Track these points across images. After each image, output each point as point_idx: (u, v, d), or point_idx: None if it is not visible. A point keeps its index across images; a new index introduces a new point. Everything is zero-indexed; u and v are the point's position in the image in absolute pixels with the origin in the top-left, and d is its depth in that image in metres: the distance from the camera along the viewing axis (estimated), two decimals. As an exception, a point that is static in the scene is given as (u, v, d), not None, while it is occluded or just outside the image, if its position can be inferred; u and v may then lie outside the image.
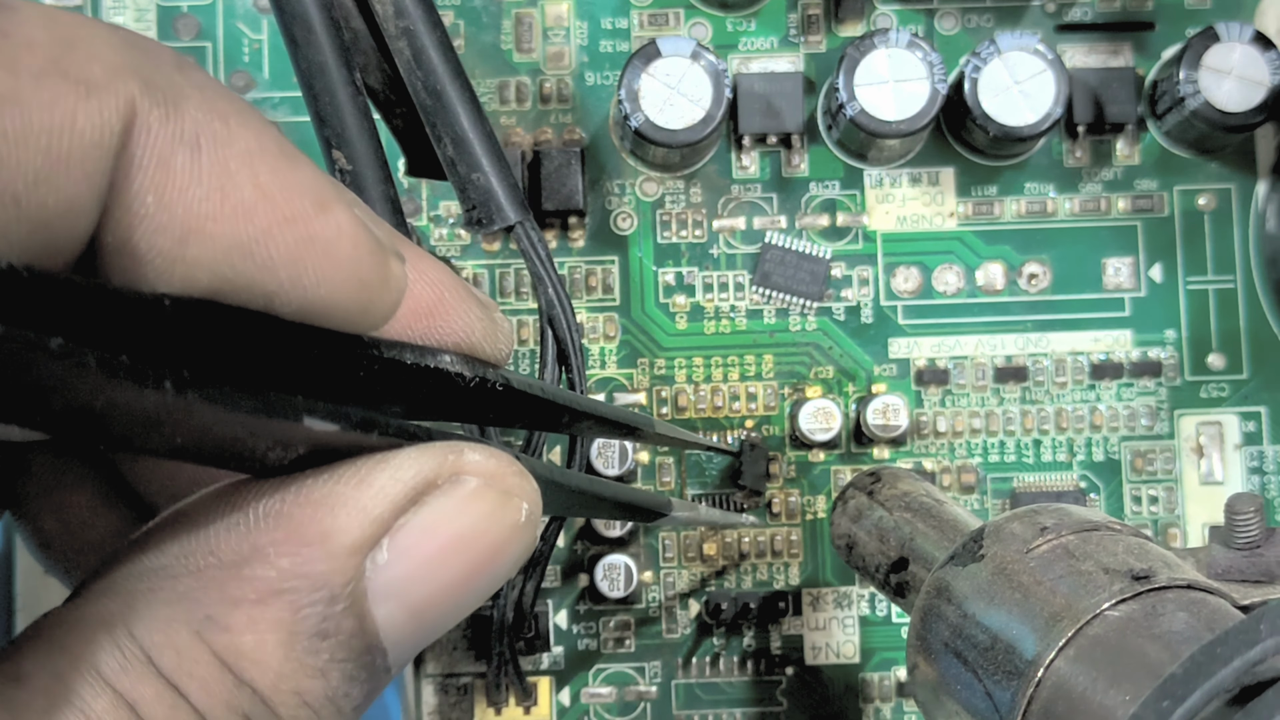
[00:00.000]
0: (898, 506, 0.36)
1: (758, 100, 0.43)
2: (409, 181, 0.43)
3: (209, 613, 0.21)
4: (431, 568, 0.23)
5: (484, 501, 0.24)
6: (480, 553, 0.24)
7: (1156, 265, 0.44)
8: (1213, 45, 0.41)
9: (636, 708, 0.43)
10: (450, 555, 0.23)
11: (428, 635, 0.24)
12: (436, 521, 0.23)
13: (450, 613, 0.24)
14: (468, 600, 0.24)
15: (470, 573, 0.24)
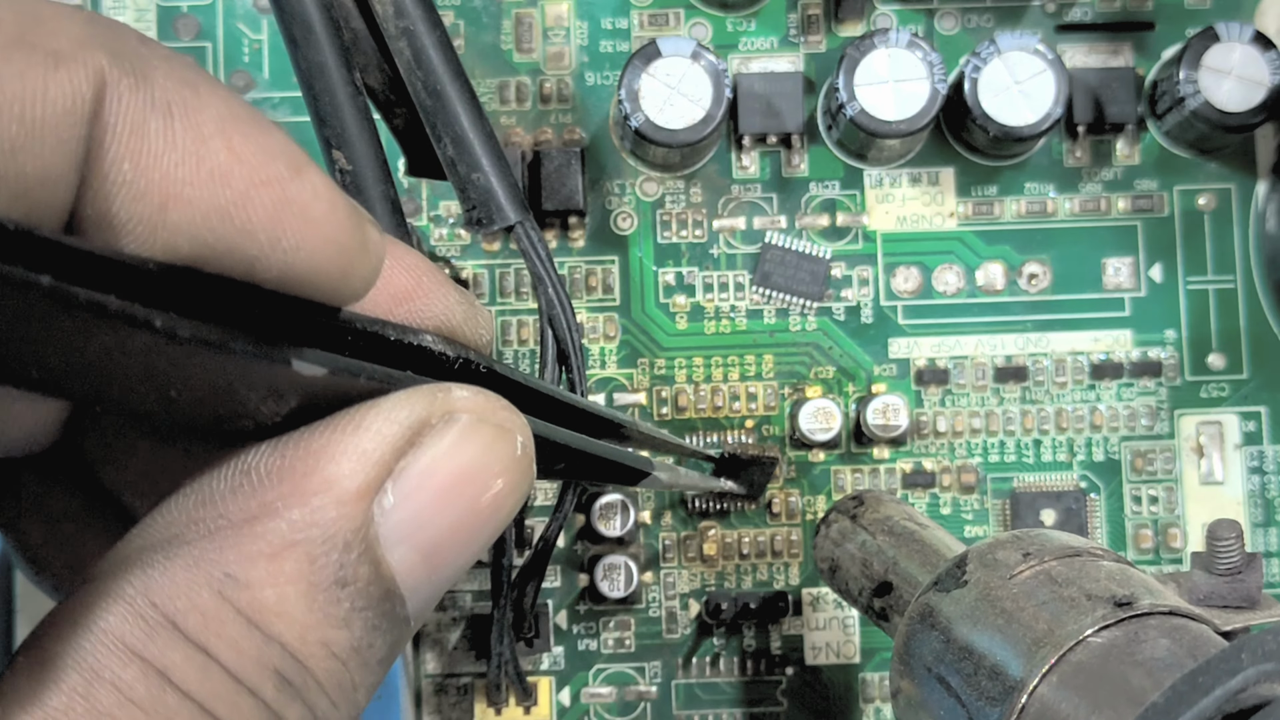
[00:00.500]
0: (881, 530, 0.36)
1: (758, 100, 0.43)
2: (409, 181, 0.43)
3: (228, 571, 0.21)
4: (437, 507, 0.23)
5: (480, 436, 0.24)
6: (482, 488, 0.24)
7: (1156, 265, 0.44)
8: (1213, 45, 0.41)
9: (636, 708, 0.43)
10: (454, 493, 0.24)
11: (442, 580, 0.24)
12: (436, 461, 0.23)
13: (461, 554, 0.24)
14: (476, 541, 0.24)
15: (475, 510, 0.24)
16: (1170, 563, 0.43)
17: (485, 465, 0.24)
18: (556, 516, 0.38)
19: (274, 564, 0.21)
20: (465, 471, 0.24)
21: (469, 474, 0.24)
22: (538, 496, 0.43)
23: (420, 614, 0.24)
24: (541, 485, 0.43)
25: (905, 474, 0.43)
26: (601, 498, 0.42)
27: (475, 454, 0.24)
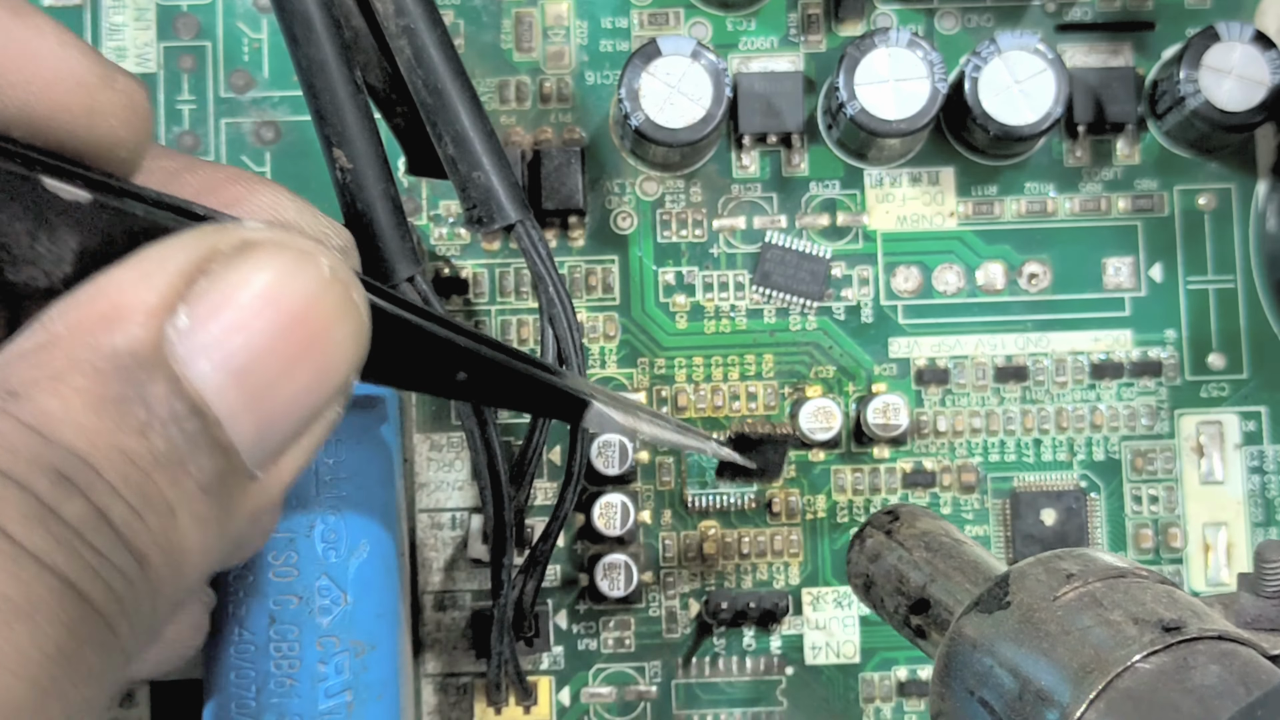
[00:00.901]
0: (917, 546, 0.35)
1: (758, 99, 0.43)
2: (409, 180, 0.43)
3: (11, 389, 0.21)
4: (238, 326, 0.23)
5: (277, 259, 0.24)
6: (288, 309, 0.24)
7: (1156, 265, 0.44)
8: (1213, 45, 0.41)
9: (636, 708, 0.43)
10: (255, 313, 0.23)
11: (274, 413, 0.24)
12: (231, 282, 0.23)
13: (283, 384, 0.24)
14: (298, 370, 0.24)
15: (282, 330, 0.24)
16: (1170, 562, 0.43)
17: (286, 286, 0.24)
18: (556, 516, 0.38)
19: (59, 381, 0.21)
20: (265, 292, 0.24)
21: (270, 294, 0.24)
22: (538, 496, 0.43)
23: (263, 454, 0.24)
24: (541, 485, 0.43)
25: (905, 474, 0.43)
26: (602, 497, 0.42)
27: (274, 275, 0.24)
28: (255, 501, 0.24)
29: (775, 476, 0.39)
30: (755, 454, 0.39)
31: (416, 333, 0.29)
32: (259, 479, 0.24)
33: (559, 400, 0.32)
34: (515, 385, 0.31)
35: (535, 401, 0.32)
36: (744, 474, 0.39)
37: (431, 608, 0.42)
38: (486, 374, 0.30)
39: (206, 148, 0.43)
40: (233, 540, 0.24)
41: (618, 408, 0.33)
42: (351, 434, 0.36)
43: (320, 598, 0.36)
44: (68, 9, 0.43)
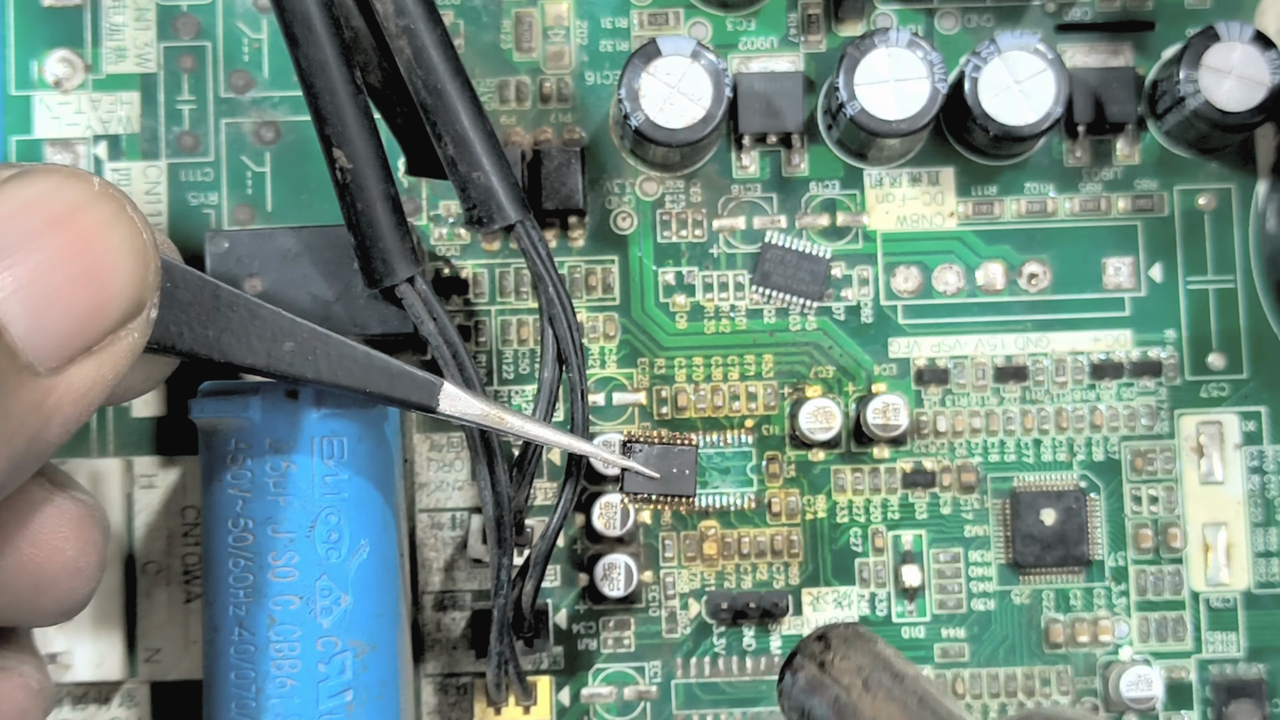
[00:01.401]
0: (856, 686, 0.33)
1: (758, 100, 0.43)
2: (409, 180, 0.43)
3: None
4: (7, 223, 0.25)
5: (48, 177, 0.26)
6: (52, 212, 0.25)
7: (1156, 265, 0.44)
8: (1213, 45, 0.41)
9: (636, 708, 0.43)
10: (20, 216, 0.25)
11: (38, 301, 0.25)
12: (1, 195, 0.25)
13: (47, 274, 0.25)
14: (67, 265, 0.25)
15: (46, 227, 0.25)
16: (1170, 562, 0.43)
17: (53, 197, 0.26)
18: (556, 515, 0.38)
19: None
20: (32, 202, 0.25)
21: (36, 204, 0.25)
22: (537, 496, 0.43)
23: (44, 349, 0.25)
24: (540, 485, 0.43)
25: (905, 474, 0.43)
26: (602, 497, 0.42)
27: (41, 190, 0.26)
28: (38, 398, 0.25)
29: (689, 491, 0.37)
30: (657, 463, 0.37)
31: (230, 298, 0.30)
32: (42, 376, 0.25)
33: (404, 382, 0.33)
34: (353, 363, 0.32)
35: (378, 384, 0.33)
36: (652, 488, 0.37)
37: (431, 608, 0.42)
38: (316, 347, 0.31)
39: (206, 148, 0.43)
40: (24, 436, 0.26)
41: (475, 395, 0.34)
42: (352, 434, 0.36)
43: (320, 598, 0.36)
44: (68, 9, 0.43)
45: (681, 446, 0.37)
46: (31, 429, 0.26)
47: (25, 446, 0.26)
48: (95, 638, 0.40)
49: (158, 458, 0.42)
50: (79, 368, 0.26)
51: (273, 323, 0.31)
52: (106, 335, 0.27)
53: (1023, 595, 0.43)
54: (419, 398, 0.33)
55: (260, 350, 0.31)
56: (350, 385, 0.33)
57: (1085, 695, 0.43)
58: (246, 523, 0.36)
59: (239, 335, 0.31)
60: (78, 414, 0.26)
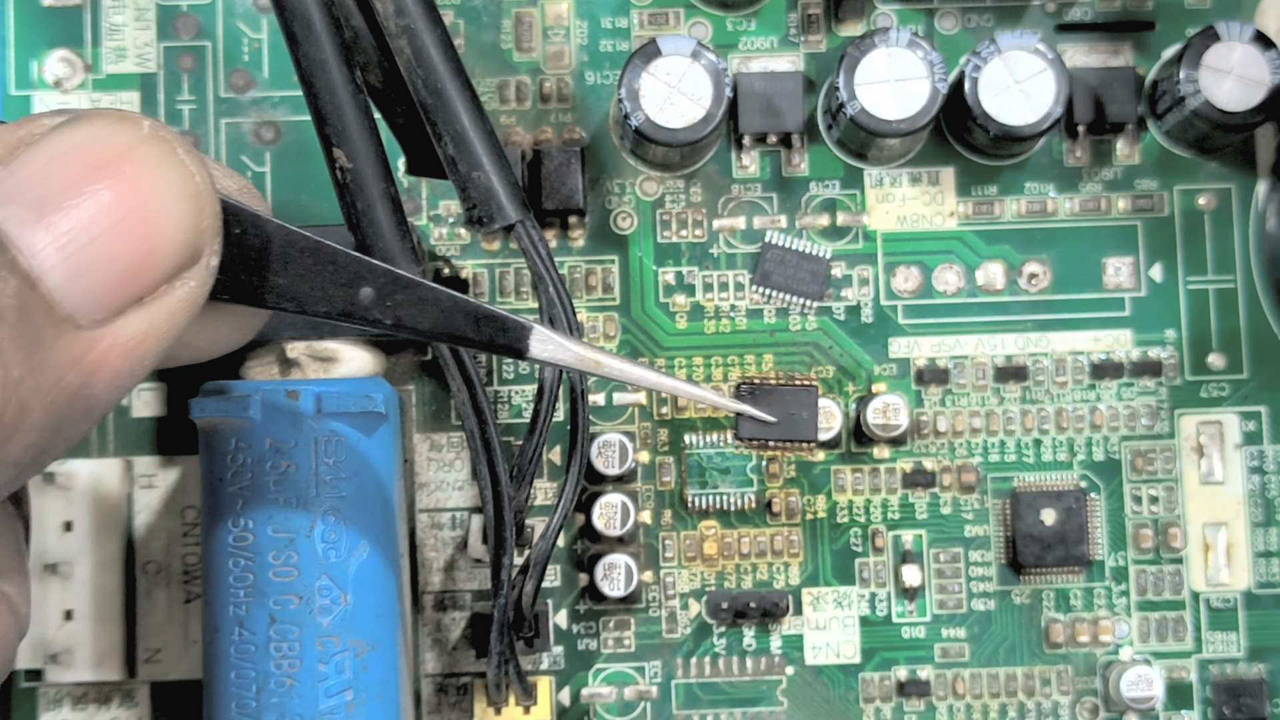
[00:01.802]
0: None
1: (758, 99, 0.43)
2: (409, 180, 0.43)
3: None
4: (47, 173, 0.24)
5: (95, 121, 0.25)
6: (97, 157, 0.24)
7: (1156, 265, 0.44)
8: (1213, 45, 0.41)
9: (636, 708, 0.43)
10: (64, 162, 0.24)
11: (79, 250, 0.24)
12: (48, 142, 0.24)
13: (91, 222, 0.24)
14: (111, 213, 0.24)
15: (89, 174, 0.24)
16: (1170, 562, 0.43)
17: (99, 141, 0.24)
18: (556, 515, 0.38)
19: None
20: (77, 147, 0.24)
21: (80, 148, 0.24)
22: (538, 496, 0.43)
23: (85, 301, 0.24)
24: (541, 485, 0.43)
25: (905, 474, 0.43)
26: (602, 497, 0.42)
27: (88, 134, 0.25)
28: (78, 352, 0.24)
29: (810, 435, 0.36)
30: (773, 407, 0.36)
31: (304, 243, 0.29)
32: (84, 328, 0.24)
33: (491, 325, 0.30)
34: (435, 307, 0.30)
35: (462, 328, 0.30)
36: (770, 434, 0.36)
37: (431, 608, 0.42)
38: (396, 291, 0.30)
39: (206, 147, 0.43)
40: (64, 391, 0.25)
41: (570, 339, 0.31)
42: (351, 434, 0.36)
43: (320, 598, 0.36)
44: (68, 9, 0.43)
45: (802, 386, 0.37)
46: (73, 384, 0.25)
47: (67, 403, 0.25)
48: (95, 638, 0.40)
49: (158, 458, 0.42)
50: (127, 320, 0.25)
51: (350, 268, 0.29)
52: (159, 285, 0.25)
53: (1023, 595, 0.43)
54: (508, 341, 0.30)
55: (338, 297, 0.29)
56: (433, 330, 0.30)
57: (1085, 695, 0.43)
58: (246, 522, 0.36)
59: (315, 282, 0.29)
60: (129, 368, 0.25)
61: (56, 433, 0.25)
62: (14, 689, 0.42)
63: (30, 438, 0.24)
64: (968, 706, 0.43)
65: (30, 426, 0.24)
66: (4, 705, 0.42)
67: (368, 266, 0.29)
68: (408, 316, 0.30)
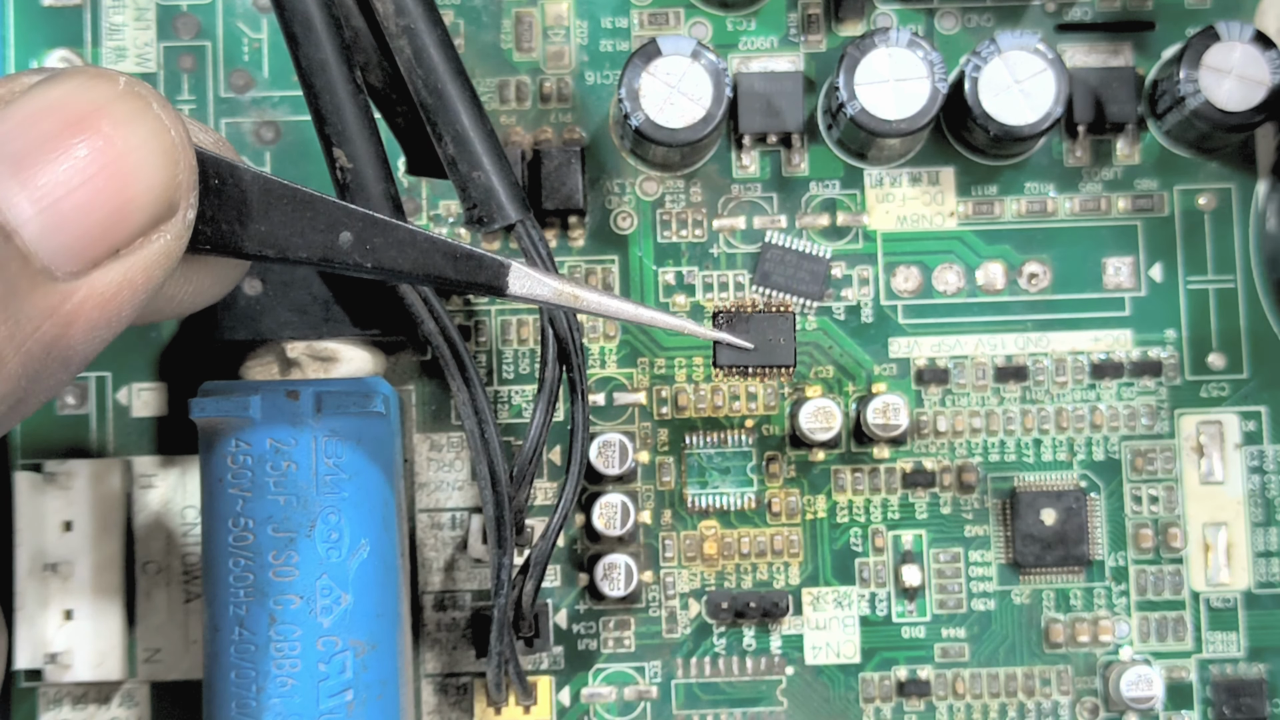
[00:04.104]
0: None
1: (758, 99, 0.43)
2: (409, 180, 0.43)
3: None
4: (23, 128, 0.24)
5: (73, 78, 0.25)
6: (73, 112, 0.25)
7: (1156, 265, 0.44)
8: (1213, 45, 0.41)
9: (636, 708, 0.43)
10: (40, 117, 0.25)
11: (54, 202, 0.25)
12: (22, 100, 0.25)
13: (67, 176, 0.25)
14: (85, 165, 0.25)
15: (64, 128, 0.25)
16: (1170, 562, 0.43)
17: (75, 96, 0.25)
18: (556, 515, 0.38)
19: None
20: (54, 102, 0.25)
21: (57, 104, 0.25)
22: (537, 496, 0.43)
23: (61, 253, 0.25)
24: (541, 485, 0.43)
25: (905, 474, 0.43)
26: (601, 497, 0.42)
27: (65, 90, 0.25)
28: (54, 303, 0.25)
29: (788, 360, 0.36)
30: (750, 334, 0.36)
31: (281, 190, 0.29)
32: (59, 280, 0.25)
33: (470, 263, 0.31)
34: (413, 248, 0.30)
35: (441, 268, 0.31)
36: (747, 360, 0.36)
37: (431, 608, 0.42)
38: (375, 235, 0.30)
39: (206, 148, 0.43)
40: (40, 342, 0.25)
41: (547, 274, 0.32)
42: (351, 434, 0.36)
43: (321, 597, 0.36)
44: (68, 9, 0.43)
45: (778, 313, 0.36)
46: (48, 335, 0.25)
47: (43, 353, 0.25)
48: (95, 638, 0.40)
49: (158, 458, 0.42)
50: (103, 271, 0.25)
51: (327, 213, 0.30)
52: (134, 238, 0.26)
53: (1023, 595, 0.43)
54: (486, 279, 0.31)
55: (317, 243, 0.30)
56: (413, 272, 0.30)
57: (1085, 695, 0.43)
58: (247, 522, 0.36)
59: (294, 229, 0.29)
60: (106, 319, 0.26)
61: (33, 382, 0.26)
62: (14, 689, 0.42)
63: (5, 387, 0.25)
64: (968, 706, 0.43)
65: (5, 376, 0.25)
66: (4, 705, 0.42)
67: (345, 210, 0.30)
68: (387, 259, 0.30)
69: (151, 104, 0.26)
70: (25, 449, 0.42)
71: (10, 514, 0.40)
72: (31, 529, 0.40)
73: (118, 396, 0.42)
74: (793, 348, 0.36)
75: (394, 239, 0.30)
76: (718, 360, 0.37)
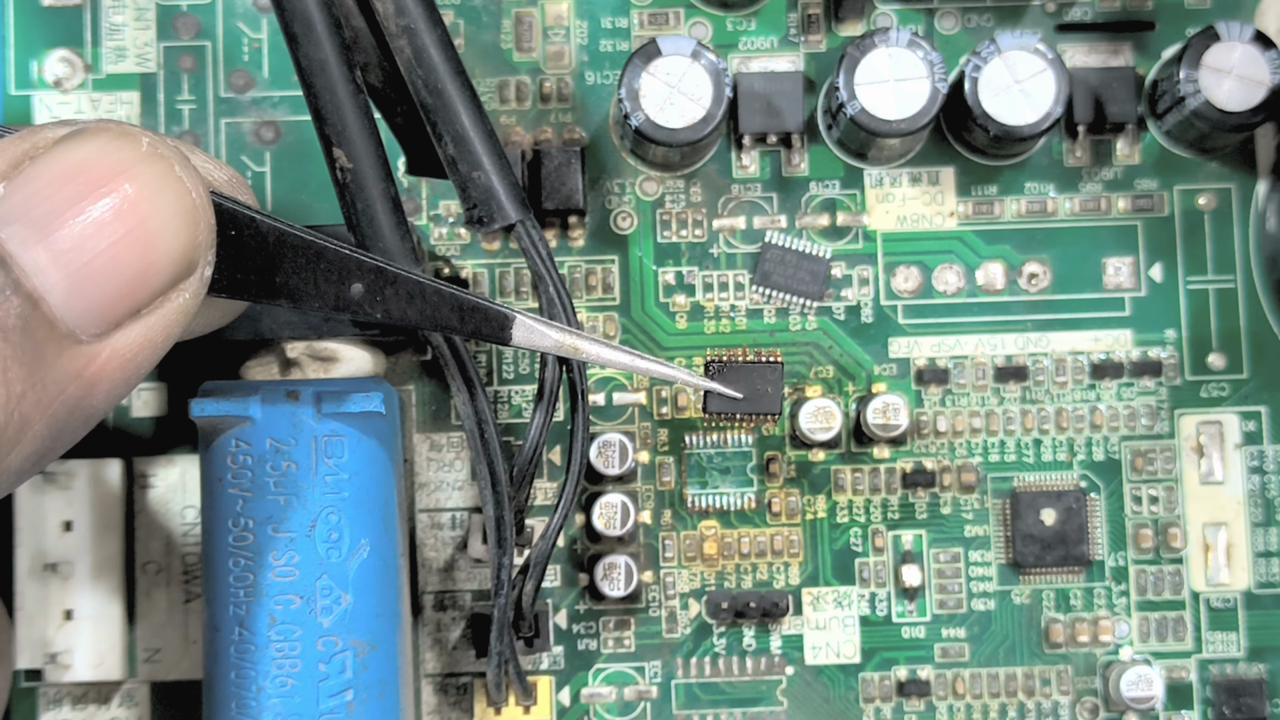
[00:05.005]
0: None
1: (758, 99, 0.43)
2: (409, 180, 0.43)
3: None
4: (49, 192, 0.25)
5: (96, 138, 0.26)
6: (97, 175, 0.25)
7: (1156, 265, 0.44)
8: (1213, 45, 0.41)
9: (636, 708, 0.43)
10: (65, 179, 0.25)
11: (79, 267, 0.25)
12: (48, 159, 0.25)
13: (91, 240, 0.25)
14: (110, 229, 0.25)
15: (88, 191, 0.25)
16: (1170, 562, 0.43)
17: (100, 158, 0.25)
18: (556, 515, 0.38)
19: None
20: (78, 164, 0.25)
21: (81, 166, 0.25)
22: (537, 496, 0.43)
23: (85, 316, 0.25)
24: (541, 485, 0.43)
25: (905, 474, 0.43)
26: (602, 497, 0.42)
27: (89, 151, 0.25)
28: (79, 366, 0.25)
29: (774, 408, 0.39)
30: (739, 383, 0.38)
31: (296, 240, 0.30)
32: (84, 343, 0.25)
33: (475, 316, 0.32)
34: (422, 300, 0.31)
35: (448, 319, 0.32)
36: (736, 408, 0.38)
37: (431, 608, 0.42)
38: (385, 286, 0.31)
39: (206, 147, 0.43)
40: (65, 404, 0.25)
41: (549, 325, 0.33)
42: (351, 434, 0.36)
43: (321, 597, 0.36)
44: (68, 9, 0.43)
45: (768, 363, 0.38)
46: (73, 397, 0.25)
47: (67, 414, 0.26)
48: (95, 638, 0.40)
49: (158, 458, 0.42)
50: (125, 332, 0.26)
51: (340, 264, 0.30)
52: (155, 298, 0.26)
53: (1023, 595, 0.43)
54: (491, 331, 0.33)
55: (328, 293, 0.30)
56: (421, 322, 0.32)
57: (1085, 695, 0.43)
58: (247, 522, 0.36)
59: (306, 279, 0.30)
60: (126, 377, 0.26)
61: (56, 440, 0.26)
62: (14, 689, 0.42)
63: (31, 448, 0.25)
64: (968, 706, 0.43)
65: (32, 438, 0.25)
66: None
67: (356, 262, 0.30)
68: (396, 310, 0.31)
69: (174, 165, 0.26)
70: (25, 449, 0.42)
71: (10, 514, 0.40)
72: (31, 529, 0.40)
73: (118, 396, 0.42)
74: (780, 396, 0.39)
75: (404, 290, 0.31)
76: (707, 407, 0.39)
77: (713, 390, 0.38)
